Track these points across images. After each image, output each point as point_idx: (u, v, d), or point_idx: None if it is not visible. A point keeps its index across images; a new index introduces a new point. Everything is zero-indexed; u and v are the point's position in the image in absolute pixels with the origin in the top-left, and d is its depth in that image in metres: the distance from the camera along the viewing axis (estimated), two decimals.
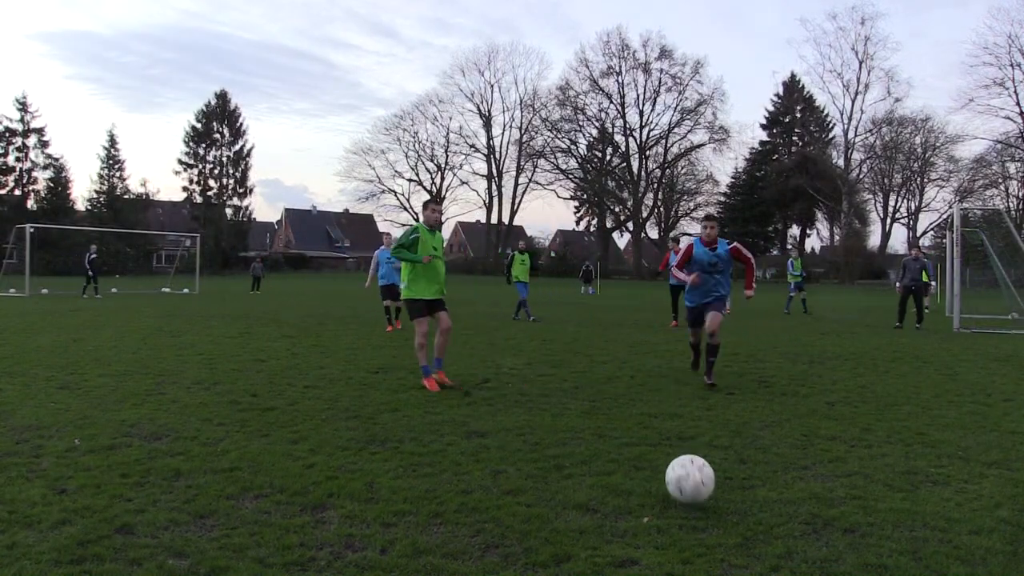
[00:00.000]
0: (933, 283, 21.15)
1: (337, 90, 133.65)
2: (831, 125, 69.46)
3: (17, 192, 55.11)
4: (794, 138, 72.57)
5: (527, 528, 3.41)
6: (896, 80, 62.80)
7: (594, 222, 74.69)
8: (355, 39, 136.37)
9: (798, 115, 72.03)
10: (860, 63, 62.23)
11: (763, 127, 73.04)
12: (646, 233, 72.11)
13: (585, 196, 74.15)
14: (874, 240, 67.30)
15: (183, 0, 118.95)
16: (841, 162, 64.90)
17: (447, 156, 73.95)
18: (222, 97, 64.56)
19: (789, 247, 60.12)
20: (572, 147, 71.92)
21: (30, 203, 55.26)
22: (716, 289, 7.86)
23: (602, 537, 3.33)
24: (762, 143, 72.25)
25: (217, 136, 64.03)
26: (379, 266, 13.69)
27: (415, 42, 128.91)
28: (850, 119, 63.45)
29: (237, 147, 64.59)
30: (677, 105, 68.45)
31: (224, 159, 64.24)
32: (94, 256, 24.94)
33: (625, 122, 70.12)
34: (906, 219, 64.50)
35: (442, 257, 7.62)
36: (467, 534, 3.35)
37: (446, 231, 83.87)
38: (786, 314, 19.63)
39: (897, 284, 16.34)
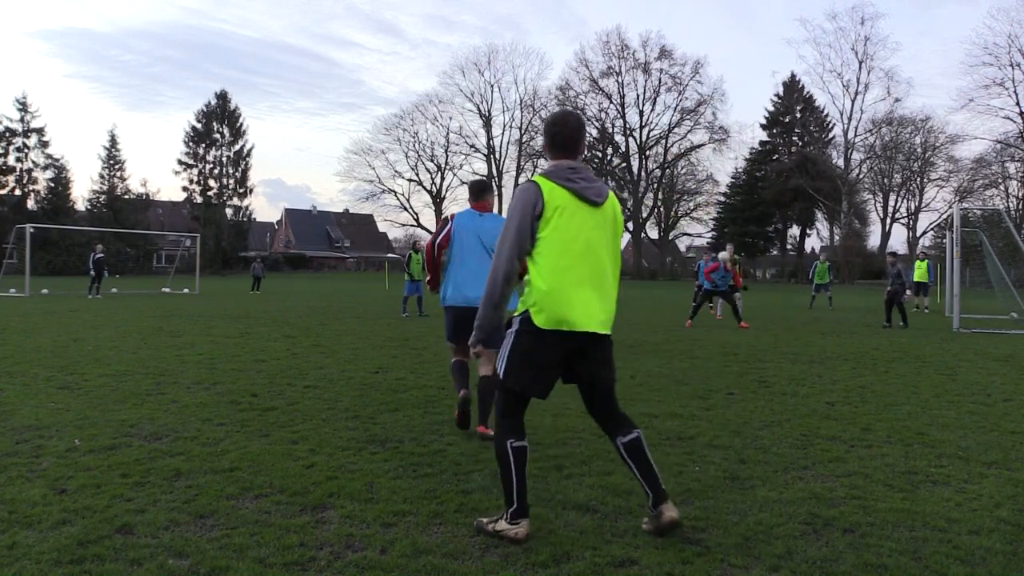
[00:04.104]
0: (921, 285, 21.67)
1: (339, 89, 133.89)
2: (831, 125, 69.47)
3: (17, 192, 55.12)
4: (794, 138, 72.53)
5: None
6: (896, 80, 63.01)
7: None
8: (358, 37, 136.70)
9: (798, 115, 71.99)
10: (860, 63, 62.26)
11: (763, 127, 73.00)
12: (646, 233, 72.12)
13: None
14: (874, 240, 67.20)
15: None
16: (841, 162, 64.87)
17: (447, 156, 73.94)
18: (222, 97, 64.63)
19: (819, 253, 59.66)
20: None
21: (30, 203, 55.28)
22: None
23: (602, 537, 3.33)
24: (762, 143, 72.20)
25: (217, 136, 64.09)
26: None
27: (418, 40, 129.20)
28: (850, 119, 63.41)
29: (237, 147, 64.69)
30: (677, 105, 68.50)
31: (224, 159, 64.30)
32: (100, 256, 24.96)
33: (625, 122, 70.15)
34: (906, 219, 64.54)
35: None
36: (467, 534, 3.35)
37: None
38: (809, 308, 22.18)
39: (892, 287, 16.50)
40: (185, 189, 64.26)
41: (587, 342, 3.27)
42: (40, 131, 56.03)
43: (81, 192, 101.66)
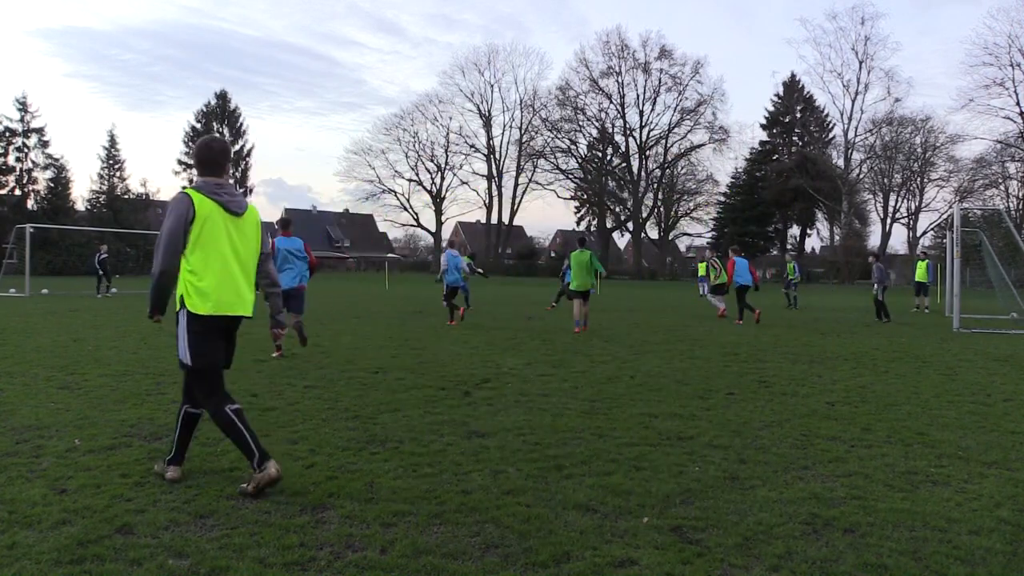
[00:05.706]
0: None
1: (340, 88, 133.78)
2: (831, 125, 69.46)
3: (17, 192, 55.04)
4: (794, 138, 72.51)
5: (527, 528, 3.41)
6: (896, 80, 62.99)
7: (594, 222, 74.70)
8: (359, 36, 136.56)
9: (798, 115, 71.97)
10: (860, 63, 62.26)
11: (763, 127, 73.00)
12: (646, 233, 72.11)
13: (585, 196, 74.14)
14: (874, 240, 67.19)
15: None
16: (841, 162, 64.89)
17: (447, 156, 73.95)
18: (222, 97, 64.59)
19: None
20: (572, 147, 71.95)
21: (30, 203, 55.19)
22: None
23: (602, 537, 3.33)
24: (762, 143, 72.20)
25: (217, 136, 64.06)
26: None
27: (419, 39, 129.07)
28: (850, 119, 63.47)
29: (237, 147, 64.57)
30: (677, 105, 68.51)
31: None
32: (104, 256, 24.98)
33: (625, 122, 70.16)
34: (906, 219, 64.52)
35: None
36: (467, 534, 3.35)
37: (446, 230, 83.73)
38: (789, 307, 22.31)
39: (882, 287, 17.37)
40: None
41: (234, 324, 4.07)
42: (40, 131, 55.84)
43: (81, 192, 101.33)
